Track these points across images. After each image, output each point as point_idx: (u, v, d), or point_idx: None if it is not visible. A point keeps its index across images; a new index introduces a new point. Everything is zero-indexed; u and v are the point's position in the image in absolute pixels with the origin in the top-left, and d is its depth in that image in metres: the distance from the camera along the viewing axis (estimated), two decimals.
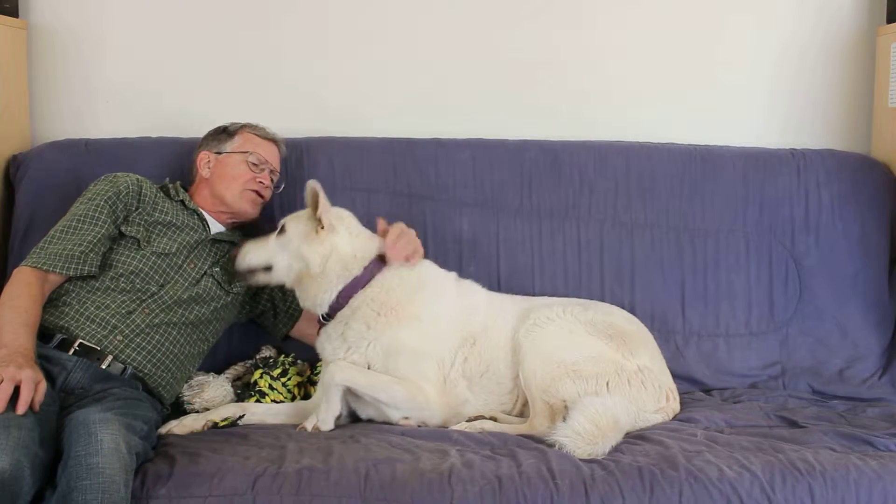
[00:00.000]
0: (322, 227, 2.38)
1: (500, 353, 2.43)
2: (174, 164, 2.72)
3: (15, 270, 2.30)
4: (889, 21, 3.03)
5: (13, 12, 2.86)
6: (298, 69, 3.03)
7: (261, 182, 2.59)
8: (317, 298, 2.40)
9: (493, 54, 3.05)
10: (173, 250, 2.44)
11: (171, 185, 2.59)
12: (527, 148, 2.90)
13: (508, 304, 2.56)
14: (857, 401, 2.65)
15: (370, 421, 2.39)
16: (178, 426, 2.27)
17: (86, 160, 2.75)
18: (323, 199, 2.37)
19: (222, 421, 2.29)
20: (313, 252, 2.37)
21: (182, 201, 2.55)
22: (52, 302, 2.32)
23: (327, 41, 3.02)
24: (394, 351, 2.35)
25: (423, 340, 2.38)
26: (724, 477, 1.96)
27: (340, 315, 2.39)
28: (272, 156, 2.67)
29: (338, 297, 2.39)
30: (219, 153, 2.61)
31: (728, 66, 3.11)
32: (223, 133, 2.65)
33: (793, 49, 3.10)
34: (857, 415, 2.48)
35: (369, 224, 2.77)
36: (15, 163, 2.77)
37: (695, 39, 3.09)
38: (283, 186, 2.70)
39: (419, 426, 2.31)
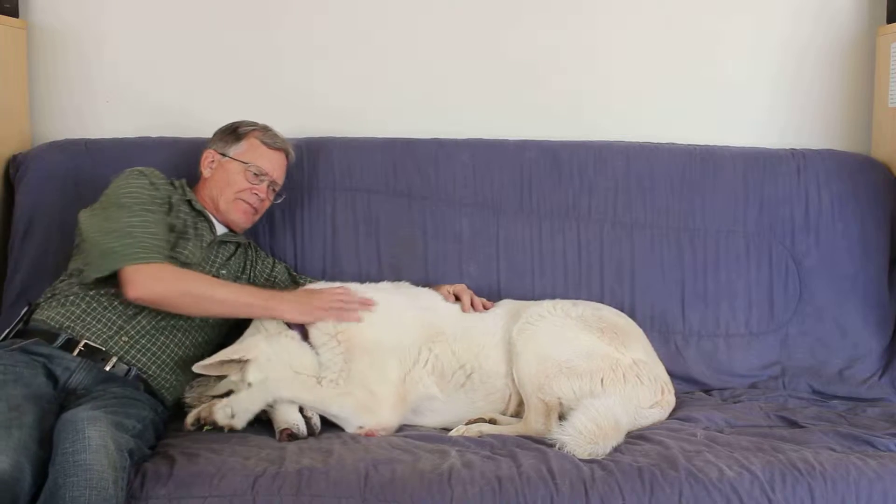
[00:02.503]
0: (244, 361, 2.31)
1: (486, 352, 2.43)
2: (174, 164, 2.71)
3: (156, 267, 2.23)
4: (889, 21, 3.03)
5: (13, 12, 2.86)
6: (298, 69, 3.02)
7: (256, 194, 2.54)
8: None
9: (492, 54, 3.05)
10: (193, 261, 2.39)
11: (177, 182, 2.55)
12: (527, 148, 2.90)
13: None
14: (857, 401, 2.65)
15: None
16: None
17: (86, 160, 2.76)
18: (219, 357, 2.29)
19: (207, 419, 2.27)
20: (275, 365, 2.31)
21: (189, 201, 2.51)
22: (59, 300, 2.30)
23: (327, 41, 3.02)
24: (355, 349, 2.33)
25: (383, 330, 2.37)
26: (724, 477, 1.96)
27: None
28: (276, 167, 2.60)
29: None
30: (223, 155, 2.57)
31: (728, 67, 3.10)
32: (232, 134, 2.60)
33: (793, 49, 3.10)
34: (857, 415, 2.48)
35: (372, 224, 2.78)
36: (15, 163, 2.77)
37: (694, 39, 3.09)
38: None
39: (378, 433, 2.24)
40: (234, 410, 2.21)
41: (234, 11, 2.99)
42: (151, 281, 2.22)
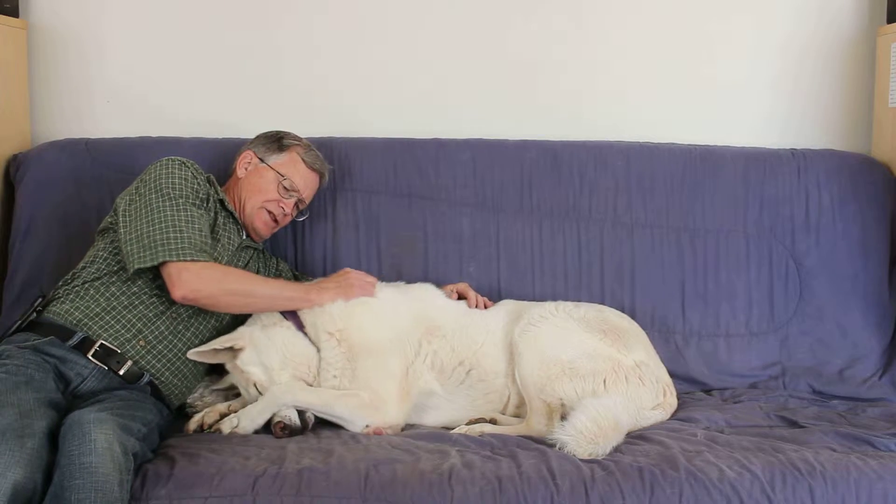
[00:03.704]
0: (237, 350, 2.33)
1: (485, 349, 2.43)
2: None
3: (202, 265, 2.21)
4: (889, 21, 3.03)
5: (13, 12, 2.87)
6: (298, 69, 3.03)
7: (281, 207, 2.54)
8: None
9: (492, 54, 3.05)
10: (221, 263, 2.36)
11: (210, 177, 2.50)
12: (527, 148, 2.90)
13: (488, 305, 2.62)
14: (857, 401, 2.65)
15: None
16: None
17: (86, 160, 2.76)
18: (213, 345, 2.30)
19: (209, 426, 2.28)
20: (262, 357, 2.33)
21: (221, 200, 2.48)
22: (78, 292, 2.27)
23: (327, 41, 3.02)
24: (357, 347, 2.34)
25: (380, 327, 2.38)
26: (725, 477, 1.96)
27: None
28: (308, 186, 2.61)
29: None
30: (261, 160, 2.56)
31: (728, 66, 3.10)
32: (276, 142, 2.59)
33: (793, 49, 3.10)
34: (857, 415, 2.48)
35: (372, 224, 2.78)
36: (15, 163, 2.77)
37: (695, 39, 3.09)
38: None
39: (385, 431, 2.25)
40: (241, 422, 2.22)
41: (234, 11, 2.99)
42: (198, 281, 2.21)
